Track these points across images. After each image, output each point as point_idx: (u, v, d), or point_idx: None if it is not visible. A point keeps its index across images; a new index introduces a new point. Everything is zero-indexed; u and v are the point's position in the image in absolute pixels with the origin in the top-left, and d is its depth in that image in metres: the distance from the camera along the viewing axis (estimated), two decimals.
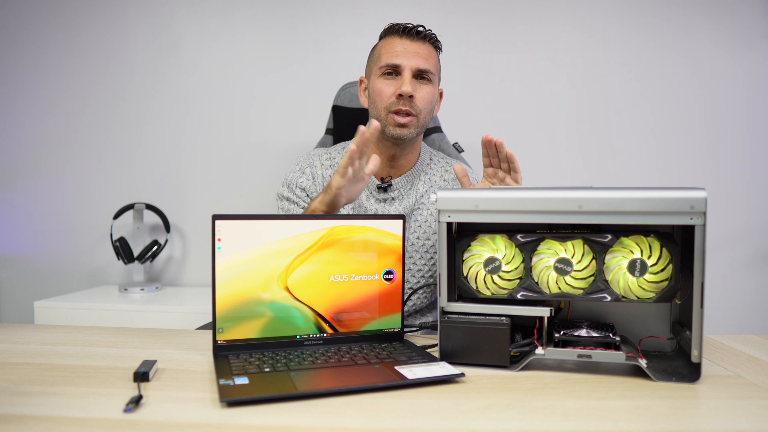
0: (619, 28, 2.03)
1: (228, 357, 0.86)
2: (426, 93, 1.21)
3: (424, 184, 1.29)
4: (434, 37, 1.25)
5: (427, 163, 1.33)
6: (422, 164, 1.31)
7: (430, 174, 1.31)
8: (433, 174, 1.31)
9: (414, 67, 1.20)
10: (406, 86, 1.18)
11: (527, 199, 0.84)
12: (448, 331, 0.88)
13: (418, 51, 1.21)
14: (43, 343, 0.99)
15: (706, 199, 0.77)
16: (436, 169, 1.32)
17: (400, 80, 1.20)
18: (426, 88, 1.22)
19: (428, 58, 1.22)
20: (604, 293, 0.85)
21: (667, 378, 0.79)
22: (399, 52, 1.20)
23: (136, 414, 0.66)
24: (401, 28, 1.23)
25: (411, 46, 1.21)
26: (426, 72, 1.21)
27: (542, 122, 2.05)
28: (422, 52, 1.21)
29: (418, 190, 1.28)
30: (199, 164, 2.14)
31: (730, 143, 2.03)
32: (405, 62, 1.20)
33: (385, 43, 1.24)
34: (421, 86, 1.21)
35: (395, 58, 1.20)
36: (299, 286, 0.93)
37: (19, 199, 2.20)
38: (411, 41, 1.21)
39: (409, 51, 1.20)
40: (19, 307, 2.21)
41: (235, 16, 2.11)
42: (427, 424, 0.65)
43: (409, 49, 1.20)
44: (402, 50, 1.20)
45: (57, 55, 2.17)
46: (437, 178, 1.31)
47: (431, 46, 1.24)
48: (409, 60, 1.20)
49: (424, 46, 1.22)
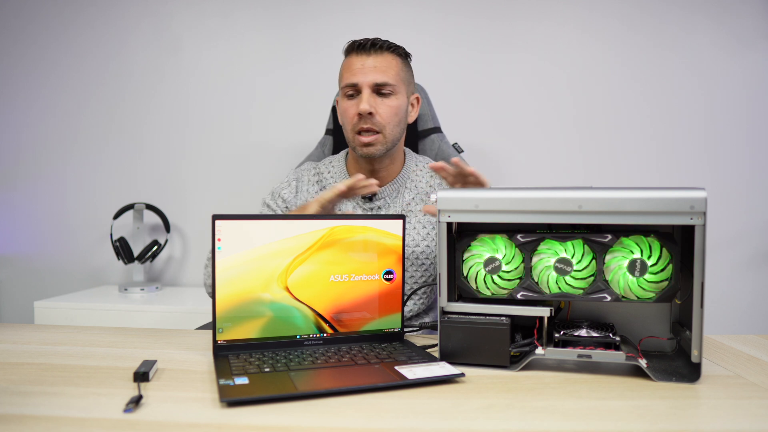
0: (619, 29, 2.03)
1: (228, 357, 0.86)
2: (388, 107, 1.21)
3: (411, 192, 1.28)
4: (393, 45, 1.23)
5: (413, 170, 1.32)
6: (407, 171, 1.30)
7: (416, 181, 1.30)
8: (419, 181, 1.30)
9: (371, 83, 1.19)
10: (363, 105, 1.18)
11: (527, 199, 0.84)
12: (448, 331, 0.88)
13: (375, 65, 1.20)
14: (43, 343, 0.99)
15: (706, 199, 0.77)
16: (422, 175, 1.31)
17: (359, 99, 1.20)
18: (388, 102, 1.21)
19: (386, 71, 1.20)
20: (604, 293, 0.85)
21: (667, 378, 0.79)
22: (356, 70, 1.20)
23: (136, 414, 0.66)
24: (355, 45, 1.22)
25: (368, 61, 1.20)
26: (384, 86, 1.20)
27: (542, 122, 2.05)
28: (380, 65, 1.20)
29: (404, 198, 1.28)
30: (199, 164, 2.14)
31: (730, 143, 2.03)
32: (361, 79, 1.19)
33: (345, 63, 1.24)
34: (383, 101, 1.21)
35: (353, 76, 1.20)
36: (299, 286, 0.93)
37: (19, 199, 2.20)
38: (368, 56, 1.20)
39: (366, 67, 1.20)
40: (19, 307, 2.21)
41: (235, 17, 2.11)
42: (427, 424, 0.65)
43: (366, 65, 1.20)
44: (359, 68, 1.20)
45: (57, 54, 2.17)
46: (423, 185, 1.30)
47: (392, 56, 1.23)
48: (366, 76, 1.19)
49: (381, 58, 1.21)
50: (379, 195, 1.27)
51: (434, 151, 1.57)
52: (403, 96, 1.24)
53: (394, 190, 1.28)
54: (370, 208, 1.27)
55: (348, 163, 1.33)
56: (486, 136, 2.04)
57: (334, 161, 1.35)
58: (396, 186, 1.29)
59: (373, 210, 1.27)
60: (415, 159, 1.35)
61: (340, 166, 1.33)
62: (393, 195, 1.28)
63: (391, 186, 1.28)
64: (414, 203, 1.27)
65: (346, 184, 1.06)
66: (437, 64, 2.05)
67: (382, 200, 1.28)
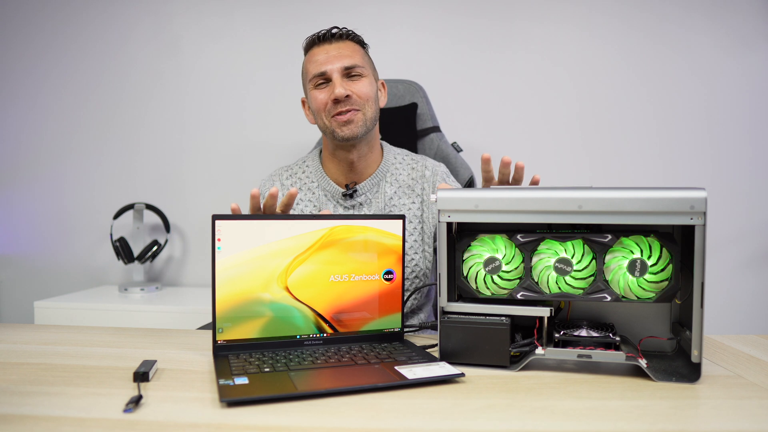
0: (620, 28, 2.03)
1: (228, 357, 0.86)
2: (362, 86, 1.20)
3: (391, 186, 1.26)
4: (352, 33, 1.24)
5: (392, 162, 1.30)
6: (387, 164, 1.28)
7: (396, 174, 1.28)
8: (400, 174, 1.28)
9: (340, 68, 1.19)
10: (338, 89, 1.17)
11: (527, 199, 0.84)
12: (448, 331, 0.88)
13: (339, 52, 1.20)
14: (43, 343, 0.99)
15: (706, 199, 0.77)
16: (402, 167, 1.29)
17: (332, 85, 1.19)
18: (361, 82, 1.21)
19: (353, 55, 1.21)
20: (604, 293, 0.85)
21: (667, 378, 0.79)
22: (322, 60, 1.20)
23: (135, 414, 0.66)
24: (317, 36, 1.22)
25: (331, 49, 1.21)
26: (354, 67, 1.20)
27: (542, 122, 2.05)
28: (344, 51, 1.21)
29: (386, 192, 1.26)
30: (199, 164, 2.14)
31: (731, 143, 2.03)
32: (329, 66, 1.19)
33: (309, 57, 1.24)
34: (355, 82, 1.20)
35: (320, 66, 1.20)
36: (299, 286, 0.93)
37: (20, 198, 2.20)
38: (330, 45, 1.21)
39: (331, 55, 1.20)
40: (19, 307, 2.22)
41: (234, 16, 2.11)
42: (427, 424, 0.65)
43: (330, 53, 1.20)
44: (324, 57, 1.20)
45: (57, 54, 2.17)
46: (405, 177, 1.28)
47: (353, 43, 1.23)
48: (333, 63, 1.19)
49: (344, 45, 1.21)
50: (360, 191, 1.25)
51: (433, 150, 1.57)
52: (371, 77, 1.24)
53: (374, 184, 1.26)
54: (351, 205, 1.25)
55: (323, 160, 1.30)
56: (486, 136, 2.04)
57: (308, 161, 1.33)
58: (376, 180, 1.26)
59: (354, 207, 1.25)
60: (394, 152, 1.32)
61: (314, 165, 1.30)
62: (374, 190, 1.26)
63: (371, 180, 1.26)
64: (396, 197, 1.26)
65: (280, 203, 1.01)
66: (436, 63, 2.05)
67: (363, 196, 1.25)
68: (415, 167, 1.29)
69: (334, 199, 1.26)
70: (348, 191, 1.24)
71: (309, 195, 1.27)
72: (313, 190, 1.28)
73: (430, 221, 1.25)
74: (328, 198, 1.26)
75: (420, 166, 1.29)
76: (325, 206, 1.26)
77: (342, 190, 1.25)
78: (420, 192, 1.26)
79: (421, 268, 1.25)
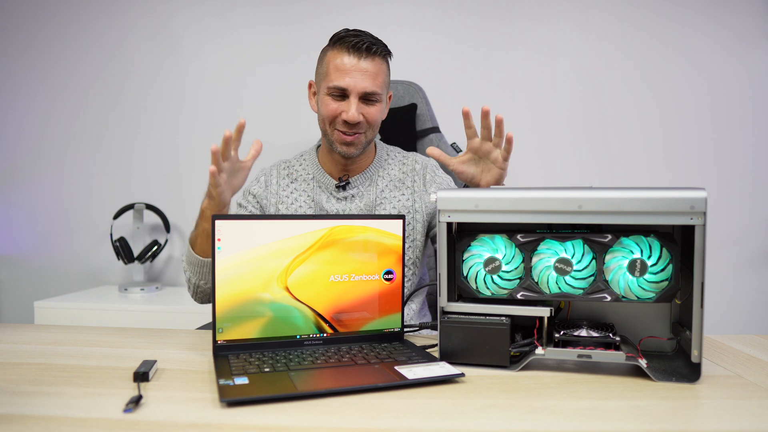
0: (620, 27, 2.03)
1: (228, 357, 0.86)
2: (374, 111, 1.22)
3: (383, 180, 1.31)
4: (385, 50, 1.22)
5: (384, 158, 1.34)
6: (379, 160, 1.33)
7: (388, 169, 1.32)
8: (391, 169, 1.33)
9: (360, 91, 1.19)
10: (353, 113, 1.18)
11: (527, 199, 0.84)
12: (448, 331, 0.88)
13: (366, 69, 1.18)
14: (43, 343, 0.99)
15: (706, 199, 0.77)
16: (394, 163, 1.33)
17: (346, 104, 1.19)
18: (374, 107, 1.22)
19: (376, 77, 1.20)
20: (604, 293, 0.85)
21: (667, 378, 0.79)
22: (347, 71, 1.18)
23: (135, 414, 0.66)
24: (351, 44, 1.19)
25: (360, 65, 1.18)
26: (372, 95, 1.20)
27: (542, 122, 2.05)
28: (371, 69, 1.19)
29: (378, 186, 1.30)
30: (199, 164, 2.14)
31: (731, 142, 2.03)
32: (352, 86, 1.18)
33: (335, 56, 1.20)
34: (368, 107, 1.21)
35: (342, 79, 1.18)
36: (299, 286, 0.93)
37: (20, 199, 2.20)
38: (360, 59, 1.18)
39: (358, 72, 1.18)
40: (19, 307, 2.21)
41: (234, 16, 2.11)
42: (427, 424, 0.65)
43: (358, 69, 1.18)
44: (350, 70, 1.18)
45: (56, 54, 2.17)
46: (396, 172, 1.32)
47: (381, 60, 1.22)
48: (356, 83, 1.18)
49: (373, 64, 1.20)
50: (353, 183, 1.29)
51: None
52: (384, 100, 1.26)
53: (366, 178, 1.31)
54: (343, 196, 1.29)
55: (320, 155, 1.34)
56: None
57: (305, 155, 1.37)
58: (369, 174, 1.31)
59: (347, 198, 1.29)
60: (386, 149, 1.37)
61: (311, 158, 1.34)
62: (366, 183, 1.30)
63: (365, 174, 1.31)
64: (388, 190, 1.30)
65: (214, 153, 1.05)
66: (436, 63, 2.05)
67: (355, 189, 1.29)
68: (406, 162, 1.34)
69: (328, 191, 1.30)
70: (341, 183, 1.28)
71: (304, 186, 1.31)
72: (308, 182, 1.32)
73: (423, 210, 1.30)
74: (322, 189, 1.30)
75: (410, 161, 1.34)
76: (318, 197, 1.29)
77: (335, 182, 1.29)
78: (411, 185, 1.31)
79: (410, 257, 1.29)
